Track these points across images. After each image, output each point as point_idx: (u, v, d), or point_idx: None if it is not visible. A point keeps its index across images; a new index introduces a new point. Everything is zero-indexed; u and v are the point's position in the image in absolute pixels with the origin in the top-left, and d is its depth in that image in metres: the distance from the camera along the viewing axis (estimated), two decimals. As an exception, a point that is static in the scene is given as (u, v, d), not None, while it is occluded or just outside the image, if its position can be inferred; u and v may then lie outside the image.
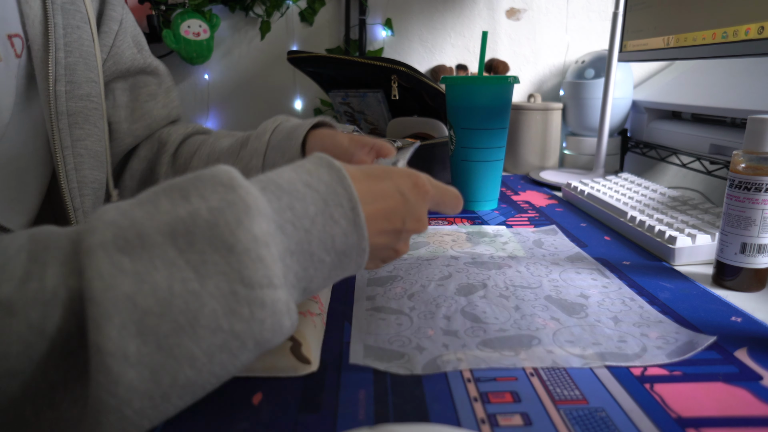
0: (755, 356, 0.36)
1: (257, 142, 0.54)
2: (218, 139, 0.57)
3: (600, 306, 0.43)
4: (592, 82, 0.99)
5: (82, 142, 0.46)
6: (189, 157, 0.57)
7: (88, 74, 0.47)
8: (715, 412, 0.30)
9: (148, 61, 0.57)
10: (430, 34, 1.18)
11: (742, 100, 0.75)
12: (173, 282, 0.25)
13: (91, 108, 0.47)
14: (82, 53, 0.46)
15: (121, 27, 0.53)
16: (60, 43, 0.44)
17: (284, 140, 0.53)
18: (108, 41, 0.52)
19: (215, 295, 0.25)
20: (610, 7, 1.14)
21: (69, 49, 0.45)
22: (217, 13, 1.13)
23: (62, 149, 0.44)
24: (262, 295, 0.26)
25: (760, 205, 0.44)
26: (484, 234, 0.63)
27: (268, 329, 0.27)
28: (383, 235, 0.34)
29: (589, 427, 0.29)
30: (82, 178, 0.46)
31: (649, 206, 0.66)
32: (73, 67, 0.45)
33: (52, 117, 0.43)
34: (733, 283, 0.47)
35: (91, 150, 0.47)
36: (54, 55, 0.43)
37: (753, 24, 0.56)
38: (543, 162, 1.03)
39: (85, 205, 0.47)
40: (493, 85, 0.70)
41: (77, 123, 0.46)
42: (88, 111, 0.47)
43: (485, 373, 0.34)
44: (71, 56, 0.45)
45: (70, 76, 0.45)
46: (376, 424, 0.29)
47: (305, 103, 1.23)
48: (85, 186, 0.47)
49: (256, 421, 0.30)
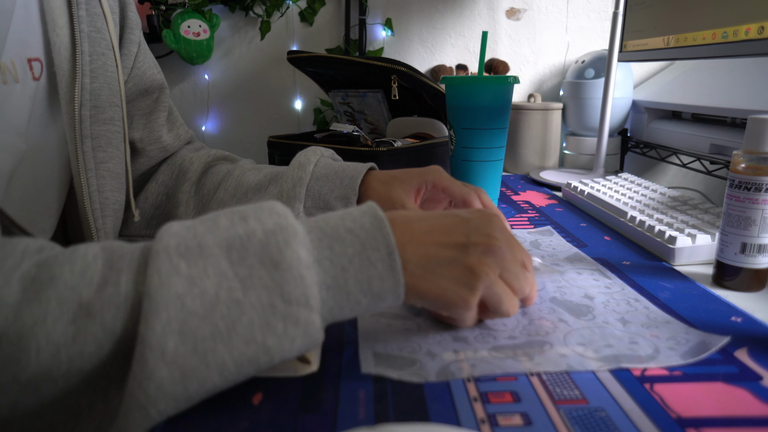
0: (755, 356, 0.36)
1: (300, 171, 0.54)
2: (244, 172, 0.58)
3: (606, 307, 0.43)
4: (592, 82, 0.99)
5: (104, 165, 0.48)
6: (213, 188, 0.58)
7: (111, 99, 0.48)
8: (715, 412, 0.30)
9: (163, 79, 0.59)
10: (430, 34, 1.18)
11: (742, 100, 0.75)
12: (220, 290, 0.27)
13: (114, 131, 0.49)
14: (107, 79, 0.48)
15: (140, 49, 0.55)
16: (86, 69, 0.45)
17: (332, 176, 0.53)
18: (128, 63, 0.53)
19: (255, 305, 0.27)
20: (610, 7, 1.14)
21: (94, 75, 0.46)
22: (217, 13, 1.13)
23: (86, 171, 0.46)
24: (297, 313, 0.28)
25: (760, 205, 0.44)
26: None
27: (297, 350, 0.29)
28: (444, 248, 0.35)
29: (589, 427, 0.29)
30: (104, 199, 0.48)
31: (649, 206, 0.66)
32: (98, 93, 0.46)
33: (76, 140, 0.45)
34: (733, 283, 0.47)
35: (113, 172, 0.49)
36: (80, 81, 0.44)
37: (753, 24, 0.56)
38: (543, 162, 1.03)
39: (106, 226, 0.48)
40: (493, 85, 0.70)
41: (100, 146, 0.47)
42: (111, 134, 0.48)
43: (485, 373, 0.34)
44: (96, 82, 0.46)
45: (95, 101, 0.46)
46: (376, 424, 0.29)
47: (305, 103, 1.23)
48: (107, 207, 0.48)
49: (256, 421, 0.30)
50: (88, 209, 0.46)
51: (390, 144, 0.80)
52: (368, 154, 0.76)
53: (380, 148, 0.77)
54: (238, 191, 0.56)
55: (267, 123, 1.23)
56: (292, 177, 0.54)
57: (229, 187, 0.57)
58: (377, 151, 0.76)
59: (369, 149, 0.76)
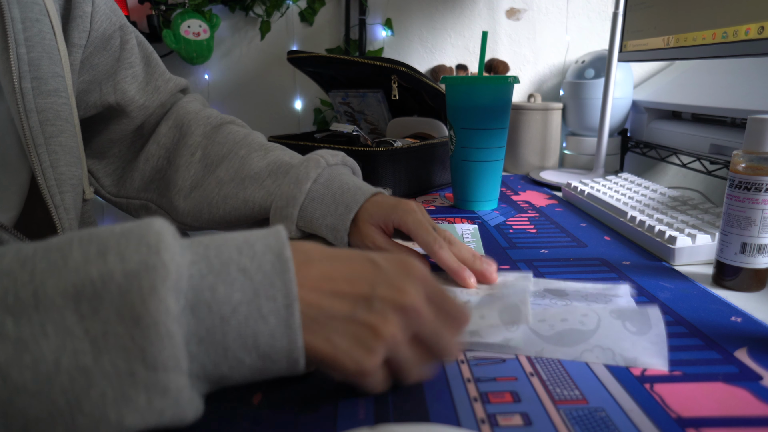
0: (755, 356, 0.36)
1: (295, 189, 0.51)
2: (250, 152, 0.56)
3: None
4: (592, 82, 0.99)
5: (55, 139, 0.44)
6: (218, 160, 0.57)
7: (53, 69, 0.45)
8: (715, 412, 0.30)
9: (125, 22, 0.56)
10: (430, 34, 1.18)
11: (742, 100, 0.75)
12: (62, 355, 0.21)
13: (61, 103, 0.45)
14: (45, 47, 0.44)
15: (94, 7, 0.51)
16: (20, 37, 0.41)
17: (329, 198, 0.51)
18: (85, 26, 0.50)
19: (108, 374, 0.22)
20: (610, 7, 1.14)
21: (30, 44, 0.43)
22: (217, 13, 1.13)
23: (35, 147, 0.42)
24: (165, 380, 0.23)
25: (760, 205, 0.44)
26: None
27: (167, 421, 0.23)
28: (342, 299, 0.28)
29: (589, 427, 0.29)
30: (59, 175, 0.45)
31: (649, 206, 0.66)
32: (38, 63, 0.43)
33: (21, 115, 0.41)
34: (733, 283, 0.47)
35: (65, 146, 0.45)
36: (15, 51, 0.41)
37: (753, 24, 0.56)
38: (543, 162, 1.03)
39: (65, 202, 0.45)
40: (493, 85, 0.70)
41: (48, 120, 0.44)
42: (58, 107, 0.45)
43: (485, 373, 0.34)
44: (33, 51, 0.43)
45: (35, 72, 0.43)
46: (376, 424, 0.29)
47: (305, 103, 1.23)
48: (64, 183, 0.45)
49: (256, 421, 0.30)
50: (43, 186, 0.43)
51: (390, 144, 0.80)
52: (368, 154, 0.76)
53: (380, 148, 0.77)
54: (237, 175, 0.55)
55: (267, 123, 1.23)
56: (286, 195, 0.51)
57: (231, 167, 0.55)
58: (377, 151, 0.76)
59: (369, 149, 0.76)
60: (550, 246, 0.59)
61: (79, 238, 0.24)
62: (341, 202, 0.51)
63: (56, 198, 0.44)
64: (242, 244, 0.27)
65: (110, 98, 0.55)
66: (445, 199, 0.83)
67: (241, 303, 0.25)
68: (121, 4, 1.07)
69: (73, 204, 0.47)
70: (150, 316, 0.22)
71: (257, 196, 0.54)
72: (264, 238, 0.28)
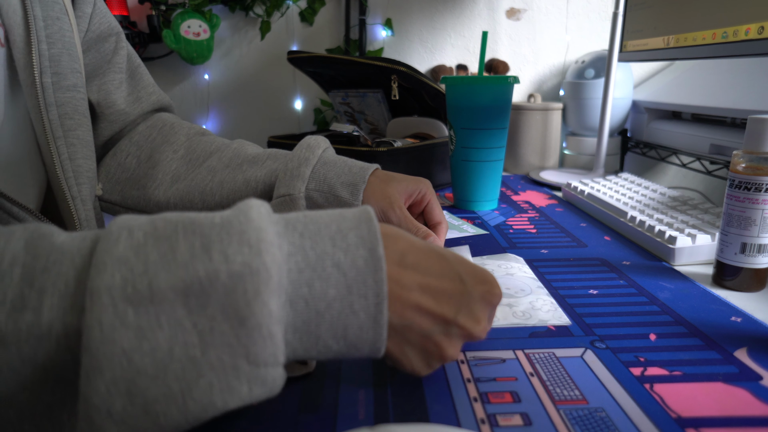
0: (755, 356, 0.36)
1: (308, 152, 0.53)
2: (243, 145, 0.57)
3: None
4: (592, 82, 0.99)
5: (73, 132, 0.46)
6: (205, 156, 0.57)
7: (72, 65, 0.46)
8: (715, 412, 0.30)
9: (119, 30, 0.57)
10: (430, 34, 1.18)
11: (742, 100, 0.75)
12: (175, 345, 0.23)
13: (79, 98, 0.47)
14: (65, 44, 0.46)
15: (95, 9, 0.53)
16: (42, 35, 0.43)
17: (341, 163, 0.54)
18: (83, 26, 0.52)
19: (216, 367, 0.24)
20: (610, 7, 1.14)
21: (51, 41, 0.44)
22: (217, 13, 1.13)
23: (54, 139, 0.44)
24: (264, 374, 0.25)
25: (760, 205, 0.44)
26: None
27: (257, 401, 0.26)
28: (426, 317, 0.30)
29: (589, 427, 0.29)
30: (77, 167, 0.46)
31: (649, 206, 0.66)
32: (58, 59, 0.45)
33: (41, 109, 0.43)
34: (733, 283, 0.47)
35: (82, 140, 0.47)
36: (37, 47, 0.42)
37: (753, 24, 0.56)
38: (543, 162, 1.03)
39: (83, 193, 0.46)
40: (493, 85, 0.70)
41: (67, 113, 0.45)
42: (76, 101, 0.47)
43: (485, 373, 0.34)
44: (54, 48, 0.45)
45: (56, 68, 0.44)
46: (376, 424, 0.29)
47: (305, 103, 1.23)
48: (81, 175, 0.47)
49: (256, 421, 0.30)
50: (62, 177, 0.44)
51: (390, 144, 0.80)
52: (368, 154, 0.76)
53: (380, 148, 0.77)
54: (233, 162, 0.55)
55: (267, 123, 1.23)
56: (299, 156, 0.53)
57: (224, 157, 0.56)
58: (377, 151, 0.76)
59: (369, 149, 0.76)
60: (550, 246, 0.59)
61: (183, 226, 0.26)
62: (354, 165, 0.54)
63: (73, 189, 0.46)
64: (335, 233, 0.28)
65: (93, 96, 0.55)
66: (445, 199, 0.83)
67: (335, 299, 0.27)
68: (121, 4, 1.06)
69: (89, 196, 0.48)
70: (254, 318, 0.24)
71: (260, 174, 0.54)
72: (356, 228, 0.29)
